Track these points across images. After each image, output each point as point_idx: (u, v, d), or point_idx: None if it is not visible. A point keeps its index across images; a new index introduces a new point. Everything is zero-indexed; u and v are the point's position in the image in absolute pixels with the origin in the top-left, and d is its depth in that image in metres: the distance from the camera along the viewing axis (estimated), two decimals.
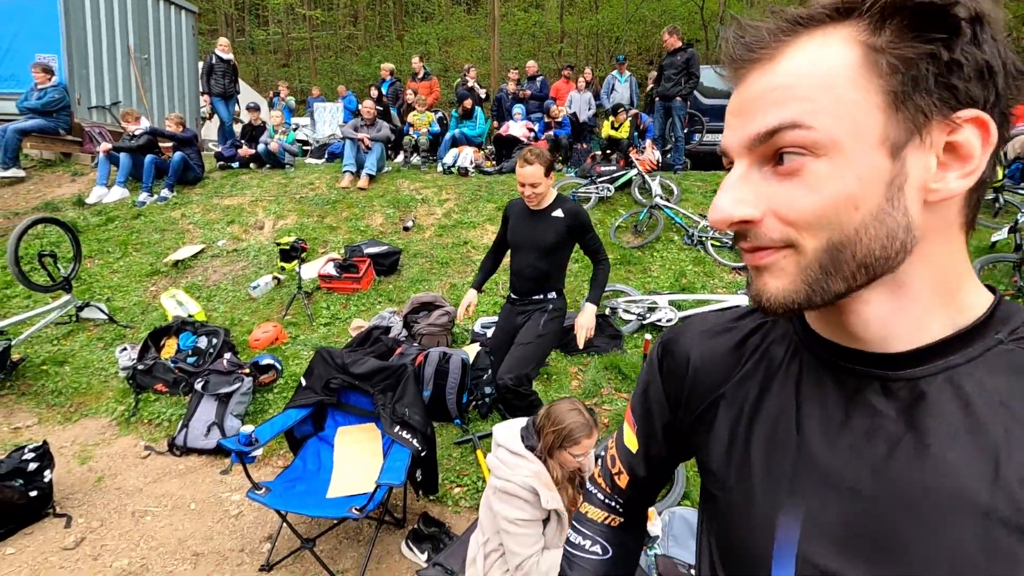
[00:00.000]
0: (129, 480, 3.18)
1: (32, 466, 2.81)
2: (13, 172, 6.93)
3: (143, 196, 6.50)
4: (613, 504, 0.82)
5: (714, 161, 8.17)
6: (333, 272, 4.99)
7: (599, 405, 3.71)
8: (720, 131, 7.34)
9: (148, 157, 6.54)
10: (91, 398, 3.89)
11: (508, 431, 2.03)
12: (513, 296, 3.05)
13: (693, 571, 2.40)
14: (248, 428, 2.48)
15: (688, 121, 9.73)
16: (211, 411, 3.44)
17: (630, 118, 8.13)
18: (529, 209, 2.87)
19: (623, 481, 0.79)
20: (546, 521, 1.90)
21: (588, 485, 0.86)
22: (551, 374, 3.95)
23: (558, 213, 2.82)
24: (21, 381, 4.00)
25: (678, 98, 6.95)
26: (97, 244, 5.71)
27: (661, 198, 5.76)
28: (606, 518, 0.82)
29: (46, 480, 2.85)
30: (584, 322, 2.79)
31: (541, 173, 2.70)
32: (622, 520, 0.82)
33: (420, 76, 9.24)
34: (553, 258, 2.87)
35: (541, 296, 2.96)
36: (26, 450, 2.87)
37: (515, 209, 2.97)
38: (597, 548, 0.82)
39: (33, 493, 2.77)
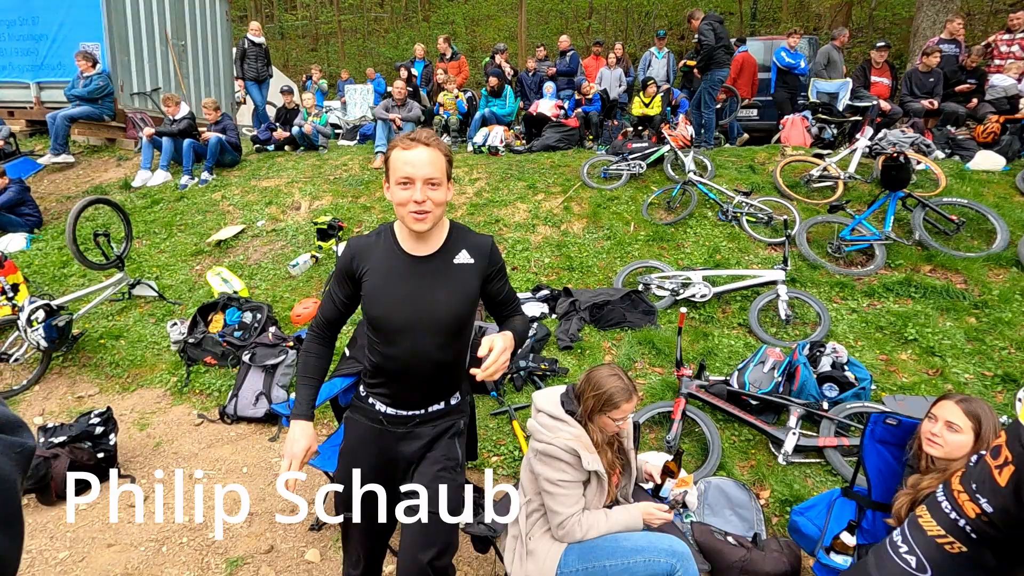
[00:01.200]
0: (185, 445, 3.37)
1: (98, 430, 3.02)
2: (64, 158, 7.25)
3: (184, 179, 6.72)
4: (962, 524, 0.64)
5: (753, 137, 7.97)
6: None
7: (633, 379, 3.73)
8: (757, 107, 7.15)
9: (187, 141, 6.74)
10: (146, 370, 4.10)
11: (548, 397, 2.08)
12: (386, 412, 1.73)
13: (730, 538, 2.44)
14: None
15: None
16: (259, 382, 3.60)
17: (662, 93, 7.97)
18: (406, 254, 1.61)
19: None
20: (586, 483, 1.96)
21: (938, 492, 0.69)
22: (584, 348, 3.98)
23: (463, 257, 1.64)
24: (81, 354, 4.25)
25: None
26: (144, 225, 5.95)
27: (695, 174, 5.67)
28: (942, 537, 0.66)
29: (111, 443, 3.05)
30: (501, 343, 1.57)
31: (443, 164, 1.52)
32: (965, 551, 0.65)
33: (448, 57, 9.22)
34: (462, 337, 1.73)
35: (441, 405, 1.77)
36: (92, 415, 3.07)
37: (372, 258, 1.62)
38: (912, 560, 0.69)
39: (100, 455, 2.97)
